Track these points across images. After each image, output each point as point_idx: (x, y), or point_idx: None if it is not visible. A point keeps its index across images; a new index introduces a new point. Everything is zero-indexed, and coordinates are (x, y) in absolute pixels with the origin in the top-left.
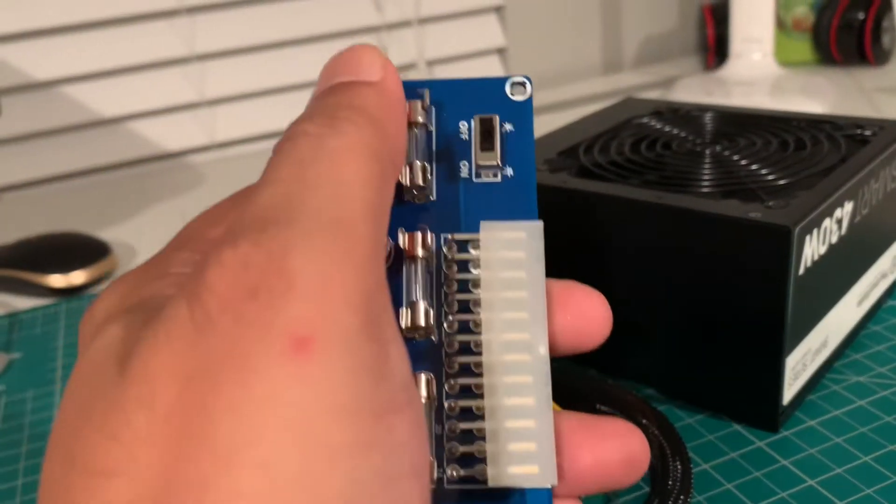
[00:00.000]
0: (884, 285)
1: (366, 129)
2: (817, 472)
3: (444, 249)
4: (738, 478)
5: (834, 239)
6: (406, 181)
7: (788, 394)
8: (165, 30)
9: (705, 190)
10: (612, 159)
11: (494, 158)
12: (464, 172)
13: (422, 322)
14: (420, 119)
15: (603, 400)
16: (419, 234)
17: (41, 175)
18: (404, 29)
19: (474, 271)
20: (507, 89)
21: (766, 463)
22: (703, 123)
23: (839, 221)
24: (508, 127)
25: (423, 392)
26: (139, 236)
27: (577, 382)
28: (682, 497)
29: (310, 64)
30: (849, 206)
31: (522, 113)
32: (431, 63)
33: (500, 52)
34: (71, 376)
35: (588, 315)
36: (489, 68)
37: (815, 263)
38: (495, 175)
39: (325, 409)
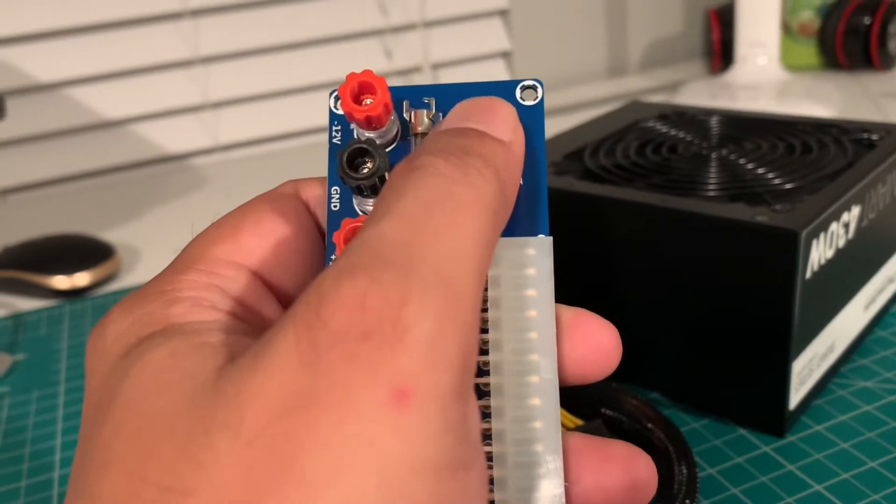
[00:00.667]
0: (891, 290)
1: (492, 185)
2: (824, 478)
3: None
4: (744, 483)
5: (841, 243)
6: None
7: (795, 398)
8: (169, 32)
9: (711, 193)
10: (618, 162)
11: None
12: None
13: None
14: (426, 130)
15: (608, 404)
16: None
17: (46, 177)
18: (409, 32)
19: None
20: (518, 93)
21: (772, 468)
22: (709, 127)
23: (846, 225)
24: None
25: None
26: (143, 238)
27: (582, 386)
28: (687, 502)
29: (314, 67)
30: (856, 211)
31: (533, 118)
32: (436, 66)
33: (505, 55)
34: (110, 395)
35: (598, 346)
36: (494, 72)
37: (822, 268)
38: None
39: (411, 462)
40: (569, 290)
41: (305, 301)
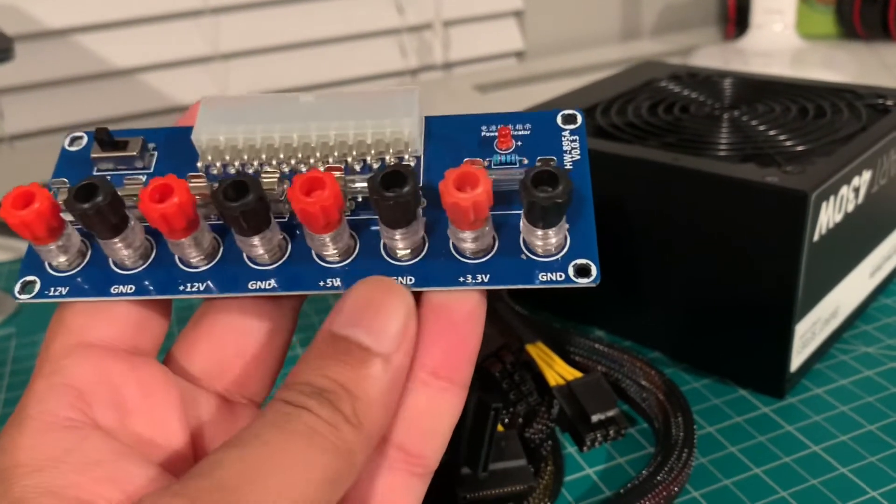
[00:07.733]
0: None
1: (341, 456)
2: (821, 439)
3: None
4: (743, 441)
5: (850, 208)
6: None
7: (796, 361)
8: None
9: (722, 153)
10: (630, 121)
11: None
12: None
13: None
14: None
15: (607, 363)
16: None
17: (53, 124)
18: None
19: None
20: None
21: (770, 428)
22: (722, 88)
23: (856, 190)
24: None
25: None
26: None
27: (577, 343)
28: (685, 451)
29: (324, 20)
30: (867, 175)
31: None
32: (448, 23)
33: (518, 14)
34: None
35: None
36: (506, 31)
37: (829, 231)
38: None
39: None
40: None
41: None
